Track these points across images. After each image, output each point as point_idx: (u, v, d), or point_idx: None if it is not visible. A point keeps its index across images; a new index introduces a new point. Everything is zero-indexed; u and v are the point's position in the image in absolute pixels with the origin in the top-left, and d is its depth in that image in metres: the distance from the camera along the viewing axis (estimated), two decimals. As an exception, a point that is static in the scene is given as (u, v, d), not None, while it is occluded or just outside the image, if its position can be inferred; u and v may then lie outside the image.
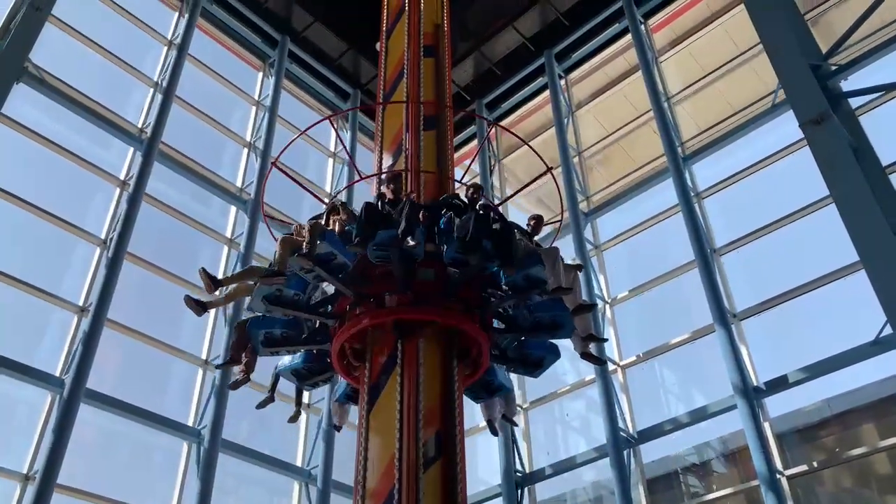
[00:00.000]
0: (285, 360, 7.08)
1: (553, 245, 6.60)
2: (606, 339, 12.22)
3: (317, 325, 6.78)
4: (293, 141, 9.08)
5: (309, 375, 7.04)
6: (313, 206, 10.58)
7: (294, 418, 7.34)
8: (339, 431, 7.62)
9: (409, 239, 6.00)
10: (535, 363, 6.97)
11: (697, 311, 11.91)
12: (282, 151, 8.37)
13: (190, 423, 11.64)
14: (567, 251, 14.18)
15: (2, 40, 11.49)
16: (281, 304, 6.43)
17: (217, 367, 11.60)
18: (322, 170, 16.58)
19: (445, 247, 6.21)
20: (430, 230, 6.30)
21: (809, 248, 11.55)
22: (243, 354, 6.80)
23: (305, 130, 10.29)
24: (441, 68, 8.35)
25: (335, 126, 16.60)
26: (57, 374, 10.37)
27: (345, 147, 16.03)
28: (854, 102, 10.89)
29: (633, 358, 12.65)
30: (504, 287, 6.51)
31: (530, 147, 8.96)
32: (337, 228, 6.31)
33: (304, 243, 6.13)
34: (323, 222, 6.53)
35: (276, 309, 6.42)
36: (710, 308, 11.36)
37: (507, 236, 6.20)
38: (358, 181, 9.76)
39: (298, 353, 6.97)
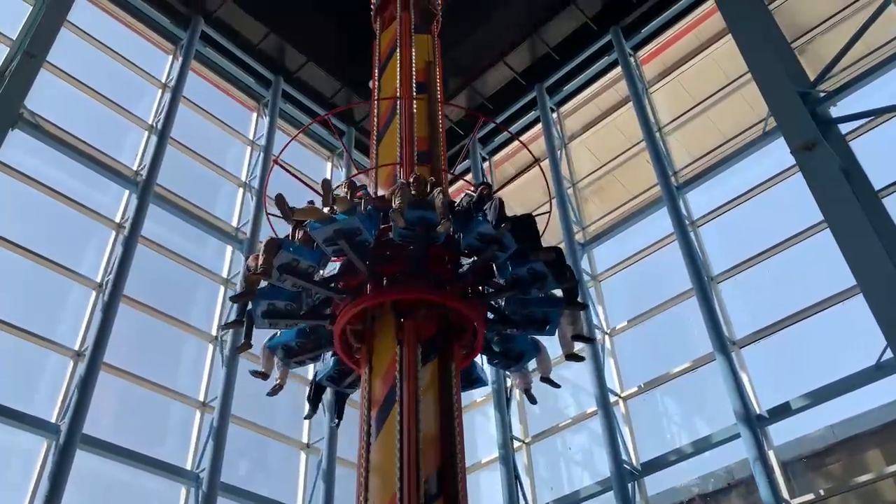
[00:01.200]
0: (277, 335, 7.10)
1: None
2: (594, 340, 12.33)
3: (316, 303, 6.84)
4: (293, 139, 9.55)
5: (300, 352, 7.08)
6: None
7: (275, 391, 7.33)
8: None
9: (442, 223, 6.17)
10: (517, 357, 7.23)
11: (697, 339, 11.87)
12: (283, 149, 9.06)
13: (188, 467, 11.48)
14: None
15: (-3, 88, 11.58)
16: (278, 316, 6.59)
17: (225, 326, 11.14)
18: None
19: (461, 234, 6.44)
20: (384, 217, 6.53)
21: (807, 272, 11.56)
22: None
23: (304, 129, 10.16)
24: (433, 104, 8.42)
25: (334, 164, 16.79)
26: (53, 420, 10.25)
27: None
28: (844, 128, 10.99)
29: (635, 389, 12.56)
30: (503, 281, 6.71)
31: (521, 143, 9.00)
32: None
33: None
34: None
35: (288, 278, 6.38)
36: (710, 336, 11.32)
37: (529, 222, 6.54)
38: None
39: (291, 330, 7.00)
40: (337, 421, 7.82)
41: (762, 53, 12.37)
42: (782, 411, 10.42)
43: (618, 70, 15.77)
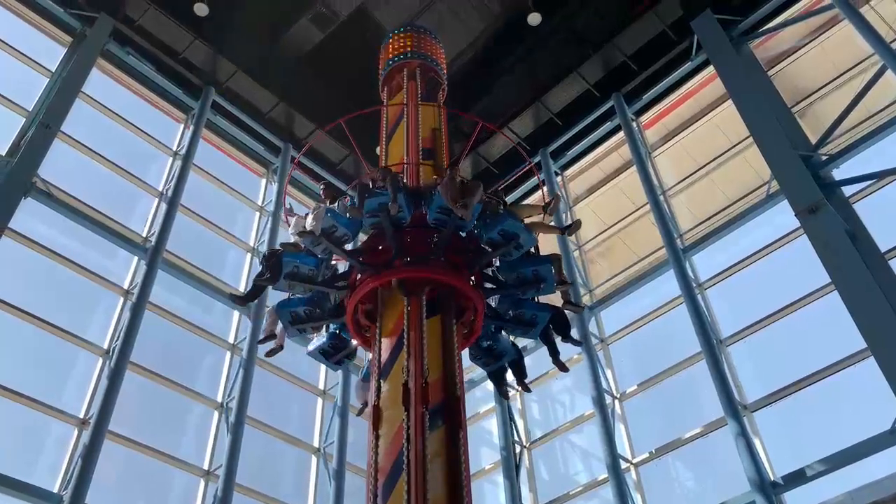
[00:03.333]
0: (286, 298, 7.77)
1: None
2: (570, 283, 12.53)
3: (333, 304, 7.58)
4: (310, 144, 9.26)
5: (305, 320, 7.65)
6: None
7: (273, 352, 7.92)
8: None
9: (393, 205, 6.92)
10: (529, 322, 7.72)
11: (708, 403, 11.70)
12: (303, 151, 9.86)
13: (191, 538, 11.24)
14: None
15: (12, 157, 11.81)
16: (299, 279, 7.30)
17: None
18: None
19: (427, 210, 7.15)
20: (417, 203, 7.31)
21: (817, 335, 11.47)
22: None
23: (328, 128, 10.25)
24: (440, 169, 8.57)
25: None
26: (55, 490, 10.09)
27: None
28: (847, 191, 11.08)
29: (646, 455, 12.34)
30: (485, 246, 7.39)
31: (515, 145, 9.05)
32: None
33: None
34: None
35: (296, 284, 7.30)
36: (721, 400, 11.16)
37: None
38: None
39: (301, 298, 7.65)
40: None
41: (763, 118, 12.60)
42: (797, 477, 10.19)
43: (620, 135, 16.02)
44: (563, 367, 8.14)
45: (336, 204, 7.56)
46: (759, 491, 10.16)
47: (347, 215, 7.19)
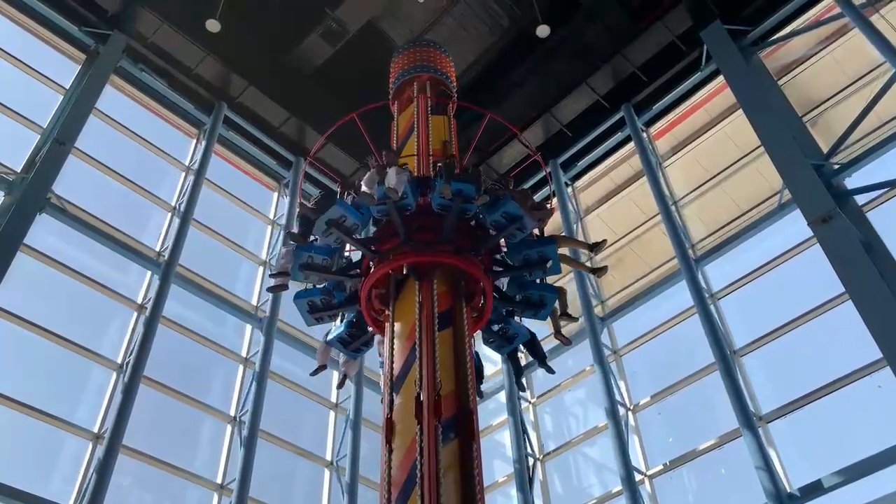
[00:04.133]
0: (332, 331, 8.10)
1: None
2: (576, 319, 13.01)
3: (349, 292, 7.77)
4: (328, 133, 9.99)
5: (322, 308, 7.85)
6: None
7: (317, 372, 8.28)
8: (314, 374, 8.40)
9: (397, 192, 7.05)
10: (538, 303, 7.85)
11: (722, 414, 11.62)
12: (316, 149, 10.03)
13: (204, 553, 11.24)
14: (585, 357, 14.08)
15: (27, 174, 11.94)
16: (314, 269, 7.54)
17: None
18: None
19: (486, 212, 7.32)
20: (424, 190, 7.49)
21: (832, 344, 11.37)
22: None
23: (337, 125, 10.21)
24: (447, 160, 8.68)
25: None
26: (70, 504, 10.14)
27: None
28: (861, 199, 11.02)
29: (660, 467, 12.25)
30: (490, 230, 7.52)
31: (517, 135, 9.51)
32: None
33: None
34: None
35: (311, 274, 7.55)
36: (735, 412, 11.07)
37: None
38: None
39: (342, 325, 8.00)
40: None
41: (774, 128, 12.56)
42: (814, 489, 10.07)
43: (631, 145, 16.01)
44: (564, 341, 8.32)
45: (347, 197, 7.76)
46: (775, 503, 10.06)
47: (358, 203, 7.41)
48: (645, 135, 15.86)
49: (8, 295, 10.79)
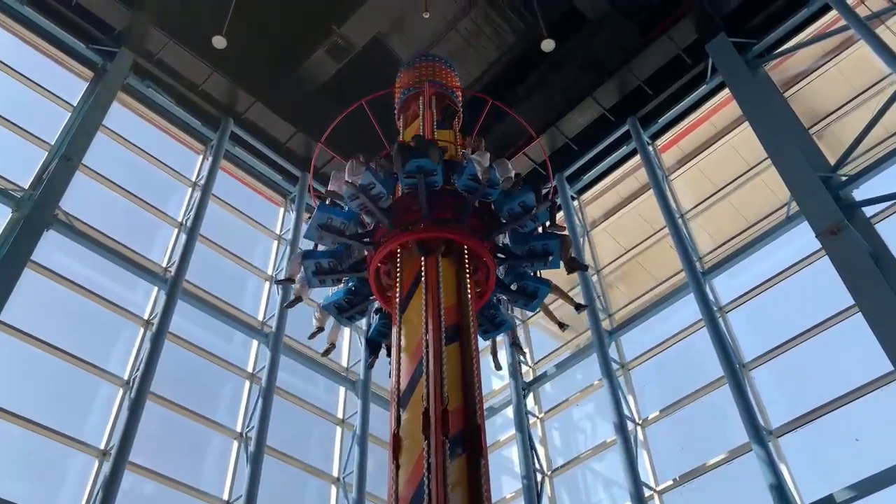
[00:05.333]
0: (327, 294, 8.61)
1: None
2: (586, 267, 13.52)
3: (354, 260, 8.21)
4: (339, 120, 9.99)
5: (328, 272, 8.25)
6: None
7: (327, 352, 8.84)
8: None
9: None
10: (531, 294, 8.33)
11: (732, 428, 11.50)
12: (327, 133, 10.10)
13: (211, 570, 11.16)
14: (593, 371, 14.01)
15: (34, 190, 11.98)
16: (331, 230, 7.96)
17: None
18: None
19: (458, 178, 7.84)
20: (448, 173, 8.01)
21: (842, 357, 11.26)
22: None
23: (345, 113, 10.38)
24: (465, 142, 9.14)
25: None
26: (76, 522, 10.09)
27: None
28: (869, 211, 10.95)
29: (670, 482, 12.13)
30: (503, 218, 8.02)
31: (519, 120, 9.65)
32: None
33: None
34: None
35: (327, 235, 7.97)
36: (745, 426, 10.96)
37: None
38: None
39: (339, 289, 8.45)
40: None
41: (781, 140, 12.54)
42: (826, 504, 9.97)
43: (637, 159, 16.00)
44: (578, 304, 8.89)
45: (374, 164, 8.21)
46: (788, 519, 9.94)
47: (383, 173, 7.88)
48: (651, 147, 15.84)
49: (15, 311, 10.80)
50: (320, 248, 8.34)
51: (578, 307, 8.85)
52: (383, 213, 7.83)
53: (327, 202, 8.42)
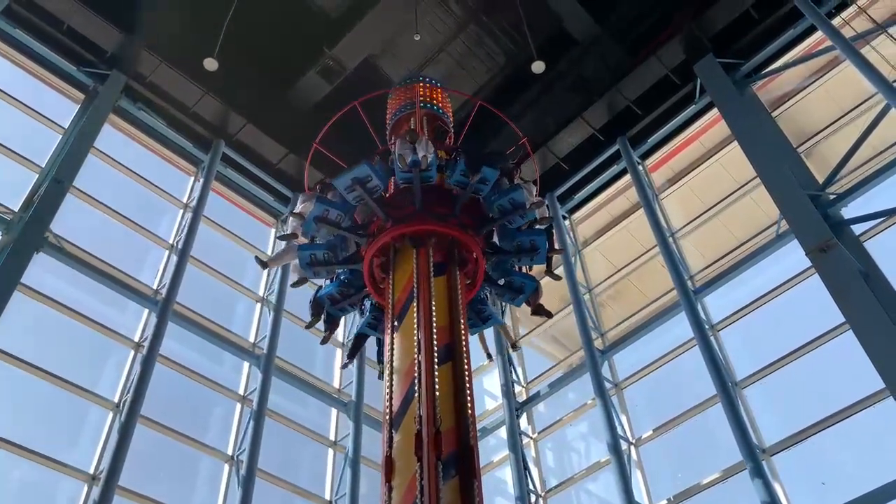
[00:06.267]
0: (324, 287, 8.83)
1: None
2: (563, 250, 14.47)
3: (350, 253, 8.49)
4: (333, 120, 10.51)
5: (323, 263, 8.48)
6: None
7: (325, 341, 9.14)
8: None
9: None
10: (518, 289, 8.73)
11: (726, 447, 11.48)
12: (321, 134, 10.49)
13: None
14: (586, 390, 13.97)
15: (25, 213, 11.93)
16: (326, 222, 8.19)
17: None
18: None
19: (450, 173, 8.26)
20: (442, 169, 8.46)
21: (835, 374, 11.28)
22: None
23: (340, 114, 10.62)
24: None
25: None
26: (64, 549, 9.95)
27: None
28: (857, 229, 11.03)
29: (664, 502, 12.07)
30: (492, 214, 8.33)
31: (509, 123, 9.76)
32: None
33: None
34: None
35: (322, 226, 8.21)
36: (738, 444, 10.95)
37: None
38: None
39: (332, 283, 8.72)
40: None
41: (769, 159, 12.64)
42: (821, 523, 9.95)
43: (627, 178, 16.09)
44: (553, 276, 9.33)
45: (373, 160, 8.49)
46: (783, 538, 9.90)
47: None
48: (641, 167, 15.94)
49: (4, 334, 10.72)
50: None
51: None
52: (379, 204, 8.14)
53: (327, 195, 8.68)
